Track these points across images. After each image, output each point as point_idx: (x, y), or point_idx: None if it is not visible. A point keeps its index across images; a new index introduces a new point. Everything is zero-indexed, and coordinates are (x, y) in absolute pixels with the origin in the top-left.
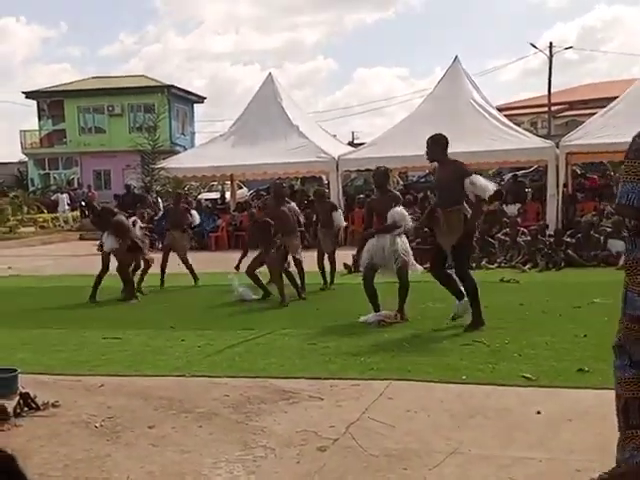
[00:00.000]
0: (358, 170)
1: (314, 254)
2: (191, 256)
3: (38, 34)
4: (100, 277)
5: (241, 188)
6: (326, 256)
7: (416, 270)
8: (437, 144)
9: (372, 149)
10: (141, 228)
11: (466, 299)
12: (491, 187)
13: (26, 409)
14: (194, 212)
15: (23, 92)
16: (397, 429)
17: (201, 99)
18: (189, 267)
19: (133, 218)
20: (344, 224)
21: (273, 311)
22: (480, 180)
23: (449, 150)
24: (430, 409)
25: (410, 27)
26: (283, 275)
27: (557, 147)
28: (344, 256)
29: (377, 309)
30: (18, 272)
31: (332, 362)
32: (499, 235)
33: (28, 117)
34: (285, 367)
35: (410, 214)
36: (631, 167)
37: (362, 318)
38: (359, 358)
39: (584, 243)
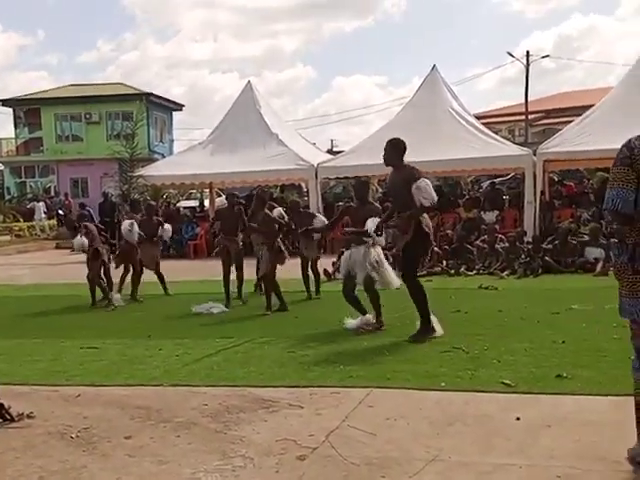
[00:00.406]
0: (337, 178)
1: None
2: (170, 264)
3: (15, 41)
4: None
5: (220, 196)
6: (310, 264)
7: (389, 286)
8: (395, 148)
9: (351, 157)
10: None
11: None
12: (434, 197)
13: (0, 420)
14: (167, 226)
15: None
16: (377, 437)
17: (179, 107)
18: (160, 278)
19: (128, 222)
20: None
21: (251, 319)
22: (426, 187)
23: (426, 158)
24: (409, 417)
25: (389, 35)
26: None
27: (534, 155)
28: (324, 264)
29: (363, 313)
30: None
31: (311, 370)
32: (477, 242)
33: (4, 125)
34: (264, 376)
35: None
36: (617, 174)
37: (346, 323)
38: (338, 366)
39: (561, 250)
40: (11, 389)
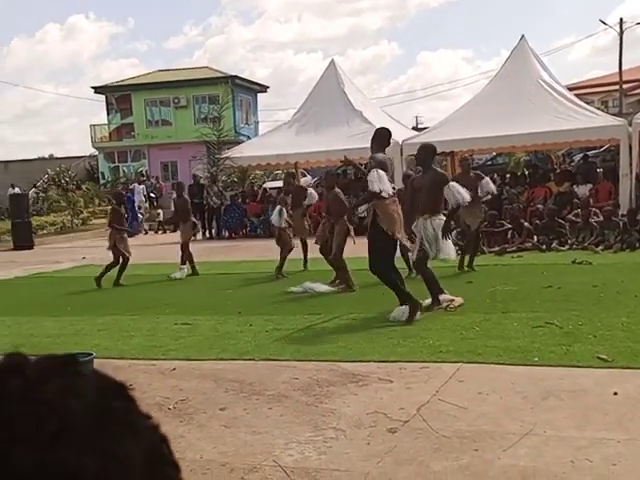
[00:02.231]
0: None
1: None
2: (259, 244)
3: (107, 30)
4: None
5: (305, 176)
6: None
7: (446, 257)
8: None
9: (437, 132)
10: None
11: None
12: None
13: None
14: (311, 190)
15: (92, 87)
16: (469, 411)
17: (264, 88)
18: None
19: (278, 207)
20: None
21: (339, 296)
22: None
23: (515, 131)
24: (501, 391)
25: (475, 8)
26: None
27: (630, 125)
28: None
29: (439, 291)
30: (92, 262)
31: (400, 345)
32: (570, 216)
33: (97, 111)
34: (353, 351)
35: None
36: None
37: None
38: (427, 341)
39: None
40: (110, 363)
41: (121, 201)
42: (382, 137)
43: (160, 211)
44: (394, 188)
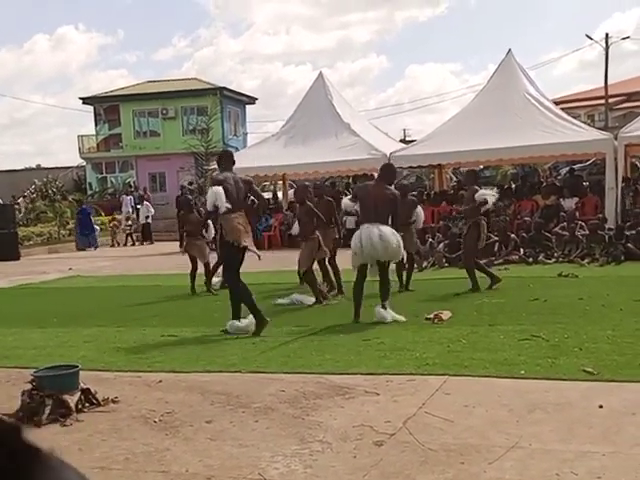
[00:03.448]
0: (410, 167)
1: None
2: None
3: (96, 41)
4: None
5: (293, 187)
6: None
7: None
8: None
9: (424, 145)
10: None
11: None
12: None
13: (87, 404)
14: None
15: (80, 98)
16: (455, 424)
17: (253, 100)
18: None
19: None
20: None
21: (327, 308)
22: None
23: (502, 145)
24: (488, 404)
25: (463, 22)
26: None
27: (615, 139)
28: None
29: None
30: (78, 273)
31: (387, 358)
32: (556, 229)
33: (85, 122)
34: (340, 363)
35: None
36: None
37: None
38: (414, 354)
39: None
40: (96, 375)
41: (191, 207)
42: (226, 158)
43: (130, 222)
44: (253, 200)
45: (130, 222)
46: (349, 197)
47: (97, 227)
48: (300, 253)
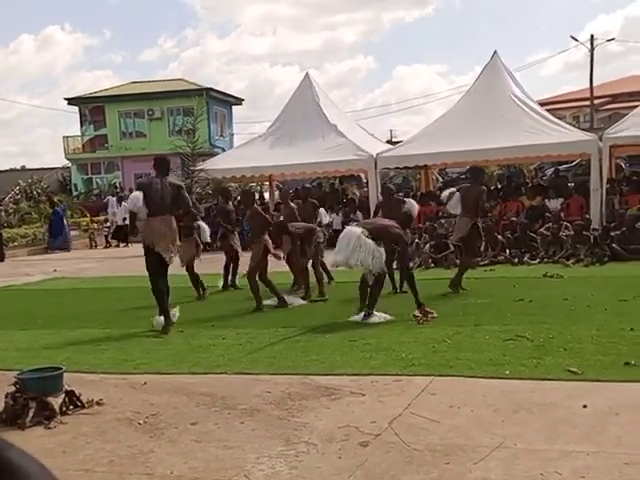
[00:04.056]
0: (397, 168)
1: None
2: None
3: (82, 42)
4: None
5: (279, 189)
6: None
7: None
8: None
9: (410, 146)
10: None
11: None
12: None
13: (72, 407)
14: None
15: (65, 98)
16: (440, 424)
17: (239, 101)
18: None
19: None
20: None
21: (312, 309)
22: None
23: (488, 145)
24: (473, 404)
25: (449, 24)
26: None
27: (600, 140)
28: None
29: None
30: (63, 274)
31: (373, 358)
32: (542, 230)
33: (71, 123)
34: (326, 364)
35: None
36: None
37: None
38: (400, 354)
39: (629, 236)
40: (81, 377)
41: (228, 198)
42: (159, 164)
43: (109, 224)
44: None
45: (109, 224)
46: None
47: (68, 229)
48: (250, 257)
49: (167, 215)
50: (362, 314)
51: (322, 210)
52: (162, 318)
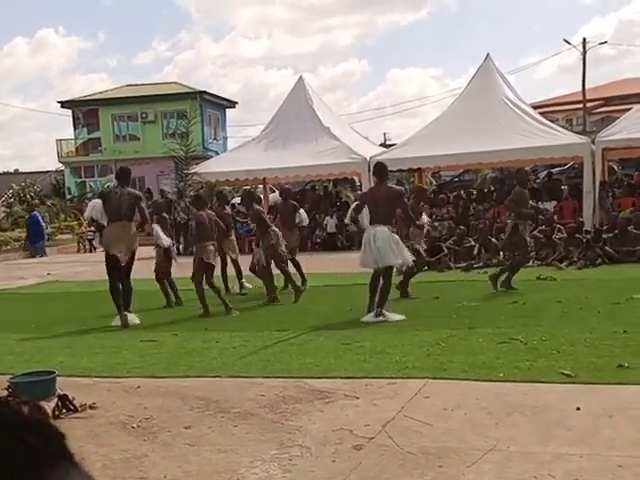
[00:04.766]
0: (390, 171)
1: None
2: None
3: (76, 45)
4: None
5: (273, 192)
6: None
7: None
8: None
9: (404, 149)
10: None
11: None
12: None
13: (65, 411)
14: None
15: (59, 102)
16: (434, 427)
17: (233, 104)
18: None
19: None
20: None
21: (306, 312)
22: None
23: (481, 149)
24: (467, 407)
25: (444, 27)
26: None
27: (593, 143)
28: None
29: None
30: (57, 278)
31: (367, 361)
32: (535, 233)
33: (64, 126)
34: (320, 367)
35: (445, 213)
36: None
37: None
38: (394, 357)
39: (622, 239)
40: (74, 381)
41: (226, 201)
42: (121, 174)
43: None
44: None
45: (93, 228)
46: (352, 206)
47: (46, 234)
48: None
49: (124, 221)
50: (372, 313)
51: (302, 211)
52: (132, 315)
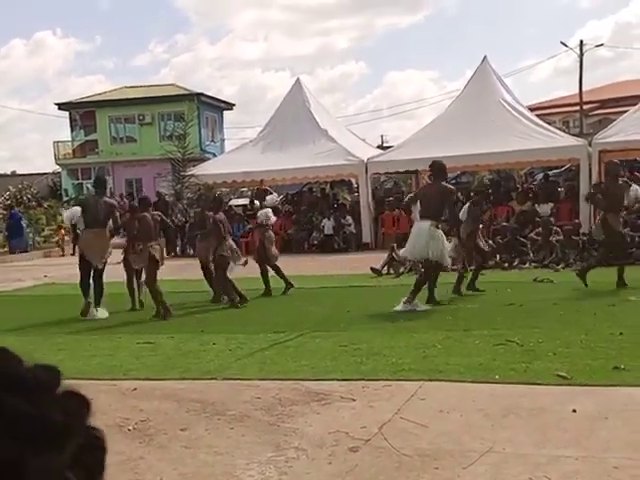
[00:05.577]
0: (387, 173)
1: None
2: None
3: (74, 47)
4: None
5: (271, 194)
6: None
7: None
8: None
9: (401, 151)
10: None
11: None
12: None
13: None
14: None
15: (56, 103)
16: (430, 429)
17: (230, 106)
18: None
19: None
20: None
21: (303, 314)
22: None
23: (477, 151)
24: (463, 409)
25: (441, 29)
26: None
27: (589, 145)
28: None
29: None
30: (53, 280)
31: (364, 363)
32: (532, 235)
33: (61, 128)
34: (316, 369)
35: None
36: None
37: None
38: (390, 359)
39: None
40: (70, 383)
41: (221, 204)
42: (98, 182)
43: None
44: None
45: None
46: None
47: (26, 231)
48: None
49: (99, 228)
50: (402, 303)
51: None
52: (103, 310)
